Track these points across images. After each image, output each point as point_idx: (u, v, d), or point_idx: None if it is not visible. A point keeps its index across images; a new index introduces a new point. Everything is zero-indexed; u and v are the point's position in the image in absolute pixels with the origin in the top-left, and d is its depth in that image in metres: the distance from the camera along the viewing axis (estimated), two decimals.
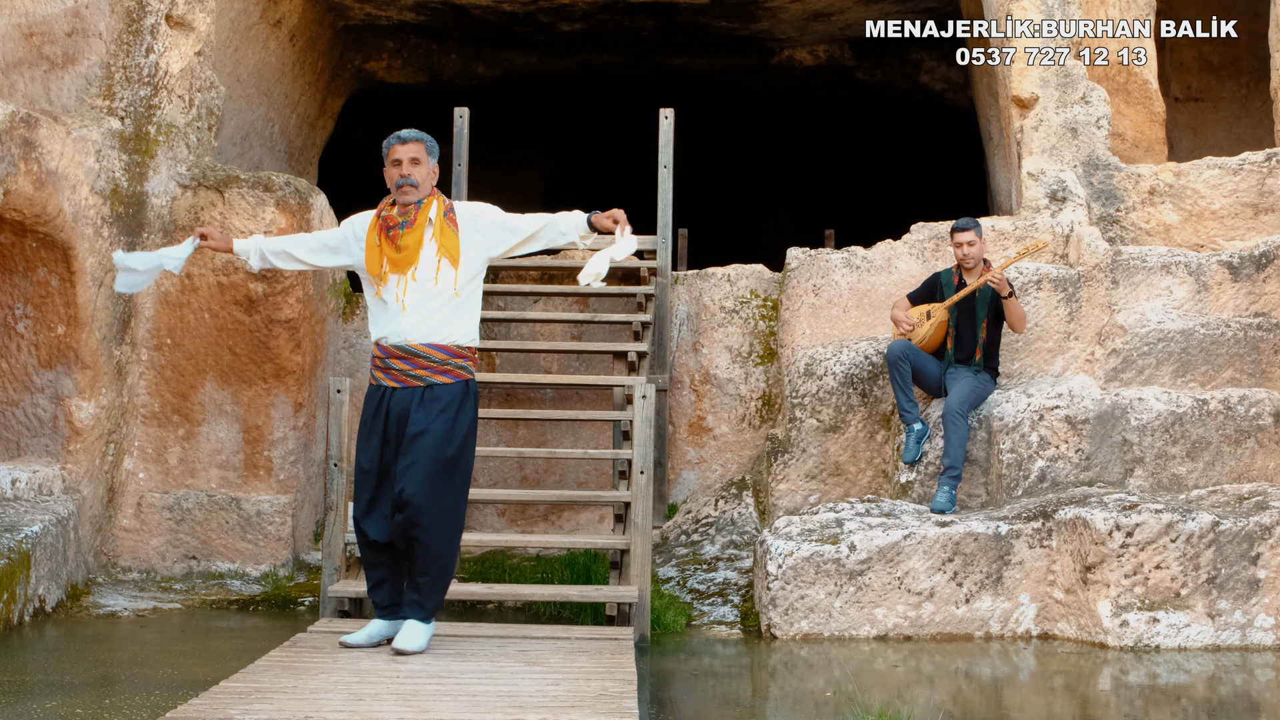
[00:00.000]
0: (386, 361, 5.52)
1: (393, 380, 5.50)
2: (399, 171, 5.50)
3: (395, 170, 5.51)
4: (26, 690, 5.64)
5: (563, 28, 13.21)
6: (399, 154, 5.52)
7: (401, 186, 5.49)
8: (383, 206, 5.58)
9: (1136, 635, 7.02)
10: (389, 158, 5.54)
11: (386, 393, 5.52)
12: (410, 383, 5.48)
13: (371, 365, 5.63)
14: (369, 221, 5.60)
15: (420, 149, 5.54)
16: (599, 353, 9.70)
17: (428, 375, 5.47)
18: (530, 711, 4.53)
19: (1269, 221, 9.17)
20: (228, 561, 8.63)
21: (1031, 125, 9.48)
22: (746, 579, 8.05)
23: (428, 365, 5.47)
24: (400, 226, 5.47)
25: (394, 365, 5.49)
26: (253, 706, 4.52)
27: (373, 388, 5.61)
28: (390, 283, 5.47)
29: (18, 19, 8.36)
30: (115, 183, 8.42)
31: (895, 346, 8.12)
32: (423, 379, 5.46)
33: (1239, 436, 8.07)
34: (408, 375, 5.48)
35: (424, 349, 5.47)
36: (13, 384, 8.17)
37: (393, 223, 5.49)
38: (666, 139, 10.33)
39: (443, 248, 5.47)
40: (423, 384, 5.47)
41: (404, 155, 5.51)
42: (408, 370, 5.48)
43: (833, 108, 15.48)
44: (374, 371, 5.60)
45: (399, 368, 5.48)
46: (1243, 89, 12.62)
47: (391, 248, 5.46)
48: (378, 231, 5.51)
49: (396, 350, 5.49)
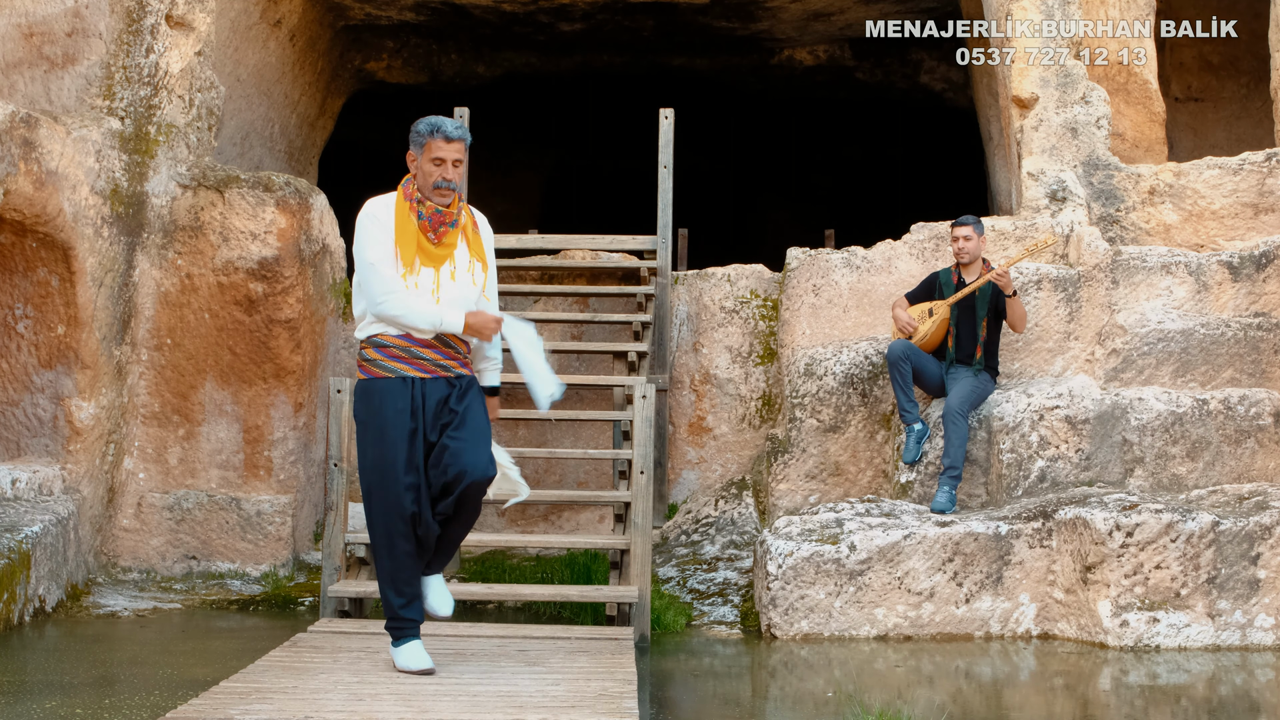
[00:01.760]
0: (413, 351, 5.13)
1: (421, 370, 5.13)
2: (441, 172, 5.12)
3: (435, 169, 5.12)
4: (26, 690, 5.64)
5: (563, 28, 13.21)
6: (443, 152, 5.13)
7: (441, 189, 5.13)
8: (410, 193, 5.17)
9: (1136, 635, 7.02)
10: (429, 151, 5.12)
11: (414, 384, 5.12)
12: (440, 373, 5.15)
13: (379, 357, 5.16)
14: (392, 206, 5.17)
15: (463, 149, 5.18)
16: (599, 353, 9.70)
17: (455, 366, 5.19)
18: (530, 711, 4.53)
19: (1269, 221, 9.17)
20: (228, 561, 8.63)
21: (1031, 125, 9.48)
22: (746, 579, 8.05)
23: (457, 356, 5.20)
24: (452, 224, 5.16)
25: (424, 355, 5.14)
26: (253, 706, 4.52)
27: (386, 382, 5.13)
28: (423, 275, 5.11)
29: (18, 19, 8.36)
30: (115, 183, 8.41)
31: (896, 346, 8.12)
32: (451, 369, 5.17)
33: (1239, 436, 8.07)
34: (438, 365, 5.15)
35: (455, 339, 5.19)
36: (13, 384, 8.17)
37: (446, 219, 5.15)
38: (666, 139, 10.33)
39: (474, 250, 5.24)
40: (453, 374, 5.18)
41: (449, 155, 5.13)
42: (439, 360, 5.15)
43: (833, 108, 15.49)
44: (386, 363, 5.14)
45: (429, 357, 5.14)
46: (1243, 89, 12.62)
47: (431, 243, 5.12)
48: (413, 220, 5.12)
49: (428, 339, 5.15)
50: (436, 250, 5.13)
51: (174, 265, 8.71)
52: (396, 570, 5.14)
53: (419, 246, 5.11)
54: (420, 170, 5.16)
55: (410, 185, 5.20)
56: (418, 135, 5.17)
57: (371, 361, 5.16)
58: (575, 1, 12.54)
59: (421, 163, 5.16)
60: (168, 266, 8.70)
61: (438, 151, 5.12)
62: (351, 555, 7.25)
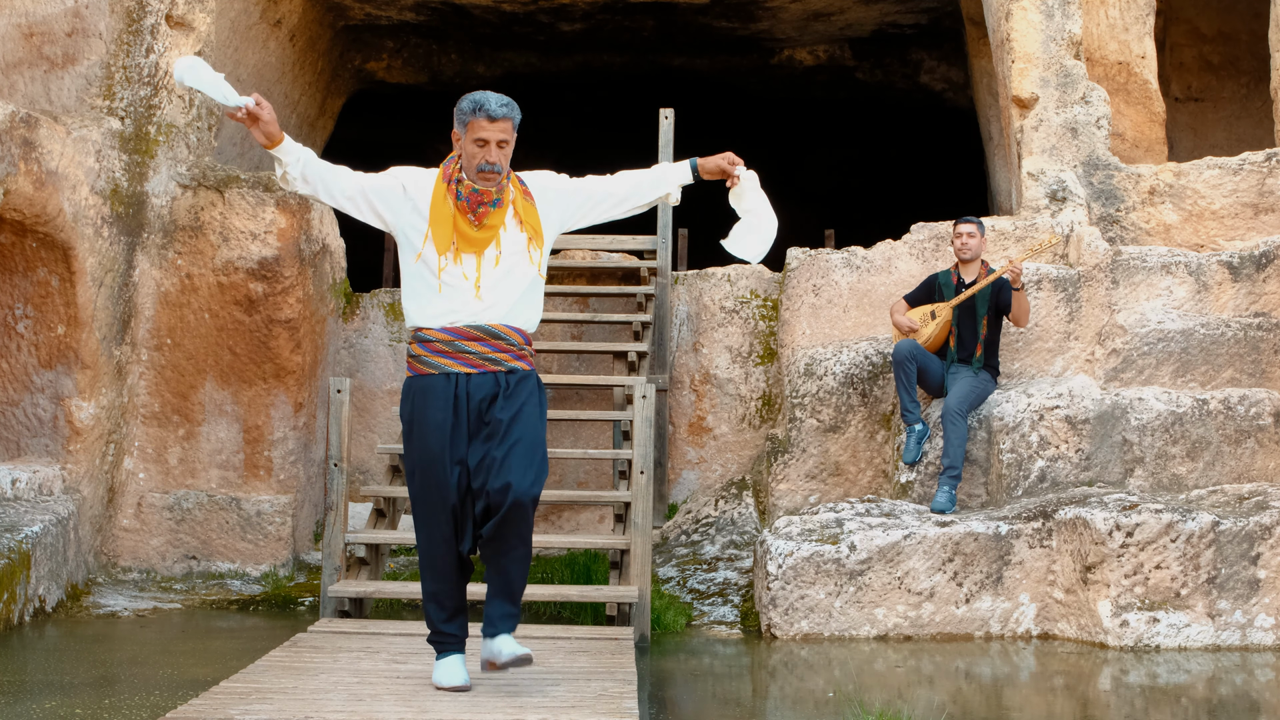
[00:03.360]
0: (457, 344, 4.70)
1: (466, 365, 4.70)
2: (484, 155, 4.68)
3: (479, 151, 4.68)
4: (26, 690, 5.64)
5: (563, 28, 13.22)
6: (486, 132, 4.67)
7: (485, 172, 4.68)
8: (451, 173, 4.77)
9: (1136, 635, 7.02)
10: (471, 131, 4.68)
11: (458, 380, 4.71)
12: (488, 367, 4.71)
13: (423, 353, 4.76)
14: (430, 187, 4.77)
15: (509, 127, 4.71)
16: (599, 353, 9.71)
17: (507, 360, 4.74)
18: (530, 711, 4.53)
19: (1269, 221, 9.17)
20: (228, 561, 8.63)
21: (1031, 125, 9.48)
22: (746, 579, 8.05)
23: (509, 348, 4.75)
24: (493, 205, 4.72)
25: (468, 348, 4.70)
26: (253, 706, 4.52)
27: (428, 379, 4.74)
28: (464, 262, 4.70)
29: (18, 19, 8.36)
30: (115, 183, 8.41)
31: (903, 346, 8.12)
32: (502, 363, 4.73)
33: (1239, 436, 8.07)
34: (485, 359, 4.71)
35: (504, 329, 4.74)
36: (13, 384, 8.17)
37: (486, 199, 4.71)
38: (666, 139, 10.33)
39: (526, 224, 4.78)
40: (503, 369, 4.73)
41: (492, 135, 4.67)
42: (486, 353, 4.72)
43: (832, 108, 15.48)
44: (430, 359, 4.74)
45: (474, 350, 4.71)
46: (1243, 89, 12.62)
47: (470, 225, 4.70)
48: (452, 204, 4.72)
49: (473, 331, 4.70)
50: (477, 234, 4.71)
51: (174, 265, 8.71)
52: (439, 582, 4.79)
53: (457, 230, 4.70)
54: (464, 151, 4.74)
55: (452, 165, 4.80)
56: (461, 114, 4.73)
57: (416, 358, 4.78)
58: (575, 1, 12.54)
59: (464, 144, 4.72)
60: (168, 266, 8.70)
61: (480, 132, 4.68)
62: (351, 555, 7.25)
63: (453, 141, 4.81)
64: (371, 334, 9.95)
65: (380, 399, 9.85)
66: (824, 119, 16.03)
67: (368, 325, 9.96)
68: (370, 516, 7.66)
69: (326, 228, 9.27)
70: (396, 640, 5.88)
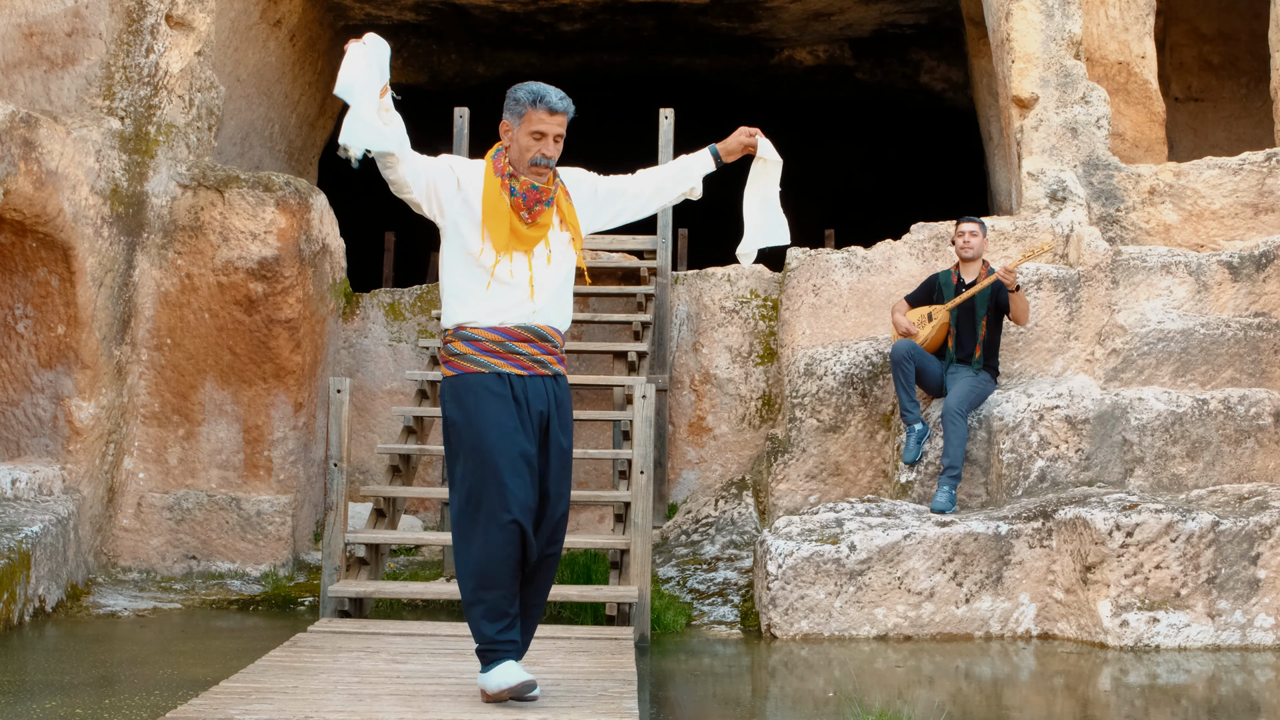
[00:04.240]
0: (507, 345, 4.60)
1: (516, 367, 4.62)
2: (540, 148, 4.60)
3: (534, 143, 4.60)
4: (26, 690, 5.64)
5: (563, 28, 13.21)
6: (545, 125, 4.60)
7: (538, 166, 4.60)
8: (501, 166, 4.66)
9: (1136, 635, 7.02)
10: (528, 123, 4.59)
11: (512, 381, 4.61)
12: (539, 370, 4.66)
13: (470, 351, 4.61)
14: (481, 178, 4.64)
15: (564, 123, 4.65)
16: (599, 352, 9.70)
17: (552, 363, 4.69)
18: (530, 711, 4.52)
19: (1269, 221, 9.17)
20: (228, 561, 8.63)
21: (1031, 125, 9.48)
22: (746, 579, 8.05)
23: (553, 350, 4.70)
24: (548, 202, 4.66)
25: (519, 349, 4.61)
26: (253, 706, 4.52)
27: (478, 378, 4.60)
28: (515, 260, 4.60)
29: (18, 19, 8.36)
30: (115, 183, 8.41)
31: (900, 346, 8.12)
32: (548, 365, 4.68)
33: (1239, 436, 8.07)
34: (535, 361, 4.65)
35: (550, 331, 4.69)
36: (13, 384, 8.17)
37: (544, 196, 4.64)
38: (666, 139, 10.33)
39: (568, 223, 4.73)
40: (550, 373, 4.69)
41: (550, 129, 4.60)
42: (535, 355, 4.65)
43: (832, 108, 15.48)
44: (479, 357, 4.61)
45: (525, 351, 4.63)
46: (1243, 89, 12.62)
47: (523, 223, 4.61)
48: (505, 198, 4.61)
49: (522, 332, 4.62)
50: (529, 232, 4.63)
51: (174, 265, 8.71)
52: (496, 589, 4.52)
53: (511, 228, 4.60)
54: (515, 143, 4.63)
55: (501, 158, 4.66)
56: (516, 104, 4.64)
57: (461, 355, 4.62)
58: (575, 1, 12.54)
59: (518, 135, 4.62)
60: (168, 266, 8.70)
61: (538, 124, 4.59)
62: (351, 555, 7.25)
63: (500, 132, 4.70)
64: (371, 334, 9.95)
65: (380, 399, 9.85)
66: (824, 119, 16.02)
67: (368, 325, 9.96)
68: (370, 516, 7.66)
69: (326, 228, 9.27)
70: (396, 640, 5.88)
